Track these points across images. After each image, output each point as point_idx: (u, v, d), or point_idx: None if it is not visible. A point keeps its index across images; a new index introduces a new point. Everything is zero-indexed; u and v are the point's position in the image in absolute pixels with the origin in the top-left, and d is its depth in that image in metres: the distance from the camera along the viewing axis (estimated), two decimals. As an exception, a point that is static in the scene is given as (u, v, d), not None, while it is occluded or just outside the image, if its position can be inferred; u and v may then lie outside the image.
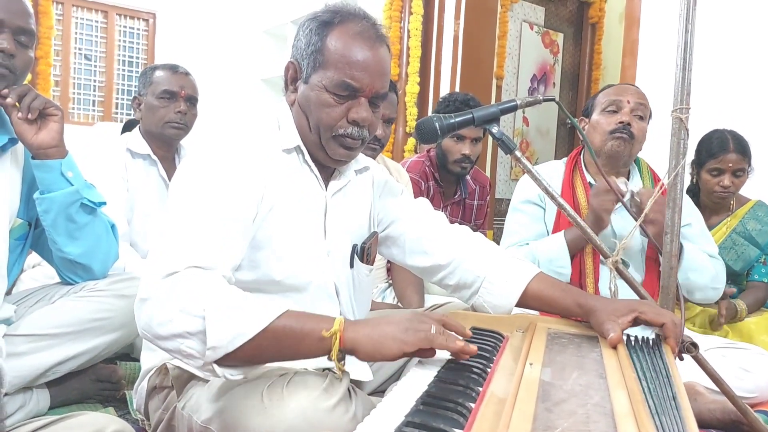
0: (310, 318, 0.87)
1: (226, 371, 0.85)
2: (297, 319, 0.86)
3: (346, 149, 1.11)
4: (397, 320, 0.88)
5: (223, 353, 0.83)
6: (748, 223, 2.33)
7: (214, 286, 0.87)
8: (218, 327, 0.82)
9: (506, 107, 1.22)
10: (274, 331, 0.84)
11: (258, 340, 0.83)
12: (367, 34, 1.08)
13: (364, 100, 1.09)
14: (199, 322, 0.83)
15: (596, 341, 1.05)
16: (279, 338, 0.85)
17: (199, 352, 0.84)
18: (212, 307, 0.84)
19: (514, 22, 3.74)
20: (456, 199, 2.35)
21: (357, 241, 1.22)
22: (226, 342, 0.82)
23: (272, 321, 0.84)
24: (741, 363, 1.69)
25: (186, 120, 2.06)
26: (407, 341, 0.85)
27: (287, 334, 0.85)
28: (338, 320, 0.86)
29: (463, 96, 2.25)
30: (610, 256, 1.26)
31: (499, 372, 0.89)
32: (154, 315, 0.86)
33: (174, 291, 0.86)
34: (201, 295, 0.85)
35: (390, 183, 1.33)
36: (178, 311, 0.84)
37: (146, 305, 0.88)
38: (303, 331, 0.85)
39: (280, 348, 0.85)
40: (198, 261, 0.90)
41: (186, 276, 0.87)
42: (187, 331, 0.84)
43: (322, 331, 0.84)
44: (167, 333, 0.85)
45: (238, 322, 0.83)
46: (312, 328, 0.85)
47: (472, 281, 1.25)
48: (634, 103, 1.80)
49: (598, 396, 0.78)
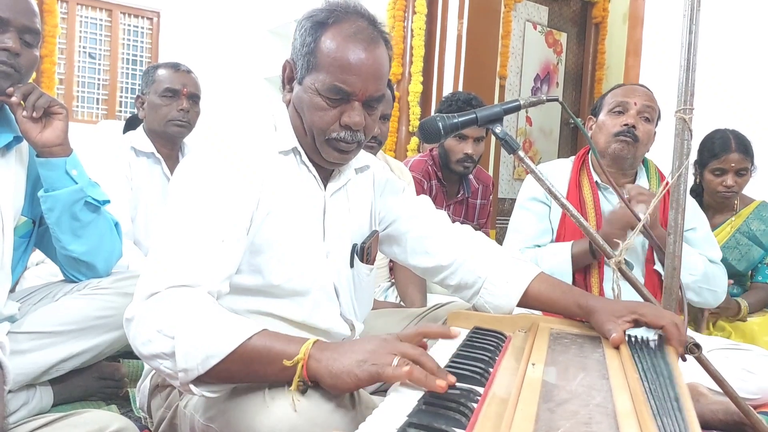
0: (280, 341, 0.85)
1: (204, 390, 0.86)
2: (267, 341, 0.84)
3: (340, 153, 1.09)
4: (361, 349, 0.83)
5: (196, 375, 0.83)
6: (752, 224, 2.32)
7: (190, 305, 0.87)
8: (188, 350, 0.83)
9: (509, 107, 1.22)
10: (243, 353, 0.83)
11: (227, 363, 0.83)
12: (361, 36, 1.05)
13: (357, 104, 1.06)
14: (171, 344, 0.84)
15: (599, 342, 1.05)
16: (247, 361, 0.84)
17: (175, 372, 0.84)
18: (183, 329, 0.84)
19: (518, 21, 3.73)
20: (459, 199, 2.35)
21: (357, 241, 1.21)
22: (196, 364, 0.83)
23: (241, 343, 0.83)
24: (744, 364, 1.69)
25: (189, 118, 2.06)
26: (360, 377, 0.80)
27: (254, 358, 0.84)
28: (304, 347, 0.83)
29: (466, 95, 2.25)
30: (613, 257, 1.26)
31: (501, 372, 0.89)
32: (137, 335, 0.88)
33: (153, 311, 0.87)
34: (176, 316, 0.85)
35: (392, 181, 1.32)
36: (156, 332, 0.85)
37: (130, 325, 0.89)
38: (270, 355, 0.84)
39: (249, 371, 0.85)
40: (180, 280, 0.90)
41: (165, 296, 0.88)
42: (163, 352, 0.85)
43: (284, 359, 0.82)
44: (147, 353, 0.87)
45: (207, 343, 0.83)
46: (278, 353, 0.83)
47: (474, 281, 1.25)
48: (641, 105, 1.80)
49: (601, 396, 0.78)
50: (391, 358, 0.80)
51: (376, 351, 0.82)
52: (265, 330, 0.86)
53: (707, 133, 2.34)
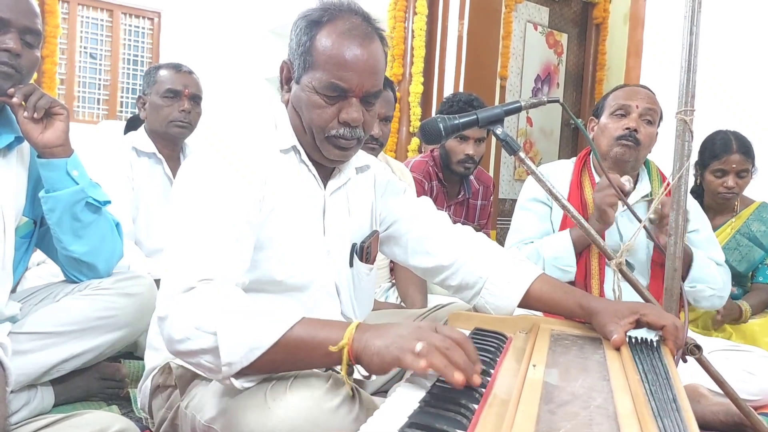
0: (323, 328, 0.86)
1: (244, 382, 0.87)
2: (310, 329, 0.86)
3: (341, 150, 1.10)
4: (395, 333, 0.83)
5: (239, 368, 0.84)
6: (752, 225, 2.32)
7: (227, 299, 0.88)
8: (231, 343, 0.83)
9: (510, 108, 1.22)
10: (287, 344, 0.84)
11: (272, 353, 0.84)
12: (356, 32, 1.06)
13: (354, 100, 1.07)
14: (213, 339, 0.84)
15: (599, 343, 1.05)
16: (292, 350, 0.85)
17: (218, 366, 0.85)
18: (224, 324, 0.84)
19: (519, 22, 3.73)
20: (459, 199, 2.36)
21: (357, 240, 1.22)
22: (240, 357, 0.84)
23: (285, 333, 0.84)
24: (745, 366, 1.69)
25: (190, 118, 2.07)
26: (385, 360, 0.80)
27: (299, 346, 0.85)
28: (348, 331, 0.84)
29: (467, 96, 2.25)
30: (614, 258, 1.26)
31: (502, 373, 0.89)
32: (173, 333, 0.88)
33: (189, 308, 0.87)
34: (214, 311, 0.86)
35: (393, 182, 1.32)
36: (194, 329, 0.86)
37: (165, 324, 0.89)
38: (314, 342, 0.85)
39: (295, 359, 0.86)
40: (211, 273, 0.91)
41: (200, 291, 0.88)
42: (203, 348, 0.85)
43: (329, 345, 0.84)
44: (186, 350, 0.87)
45: (250, 336, 0.84)
46: (322, 339, 0.85)
47: (475, 282, 1.25)
48: (643, 108, 1.79)
49: (602, 398, 0.78)
50: (415, 344, 0.79)
51: (405, 336, 0.81)
52: (305, 318, 0.87)
53: (708, 134, 2.34)
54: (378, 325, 0.87)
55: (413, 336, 0.81)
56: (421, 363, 0.77)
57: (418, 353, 0.78)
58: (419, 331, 0.82)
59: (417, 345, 0.79)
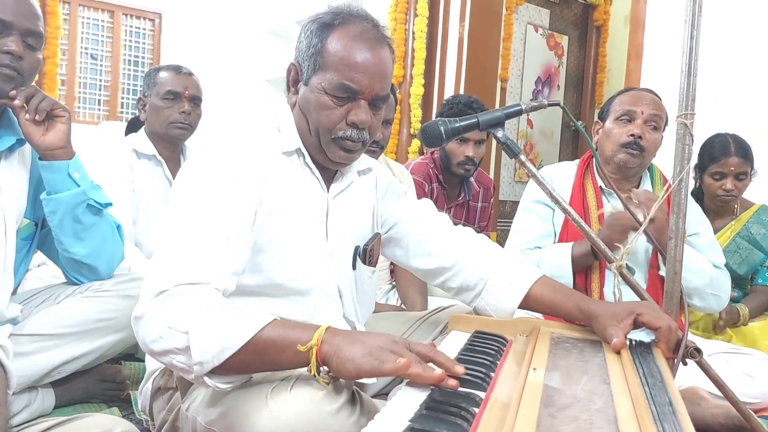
0: (293, 329, 0.88)
1: (218, 382, 0.87)
2: (280, 330, 0.87)
3: (346, 152, 1.11)
4: (371, 342, 0.85)
5: (211, 367, 0.85)
6: (752, 227, 2.32)
7: (201, 300, 0.88)
8: (202, 343, 0.84)
9: (511, 112, 1.23)
10: (258, 344, 0.85)
11: (243, 354, 0.85)
12: (367, 36, 1.08)
13: (363, 102, 1.08)
14: (185, 338, 0.85)
15: (599, 346, 1.05)
16: (262, 350, 0.86)
17: (189, 366, 0.86)
18: (196, 323, 0.85)
19: (519, 24, 3.73)
20: (460, 201, 2.36)
21: (359, 243, 1.22)
22: (211, 357, 0.84)
23: (255, 333, 0.85)
24: (745, 368, 1.69)
25: (190, 120, 2.07)
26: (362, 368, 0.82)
27: (270, 347, 0.86)
28: (317, 333, 0.86)
29: (467, 98, 2.26)
30: (615, 261, 1.26)
31: (503, 377, 0.89)
32: (147, 332, 0.89)
33: (164, 308, 0.88)
34: (188, 312, 0.87)
35: (393, 184, 1.33)
36: (167, 328, 0.87)
37: (139, 323, 0.91)
38: (284, 343, 0.86)
39: (265, 360, 0.87)
40: (188, 277, 0.91)
41: (176, 293, 0.89)
42: (176, 347, 0.86)
43: (298, 345, 0.85)
44: (159, 349, 0.88)
45: (222, 336, 0.85)
46: (292, 340, 0.86)
47: (475, 284, 1.25)
48: (648, 114, 1.79)
49: (602, 401, 0.78)
50: (395, 357, 0.82)
51: (383, 348, 0.84)
52: (277, 319, 0.88)
53: (707, 136, 2.34)
54: (351, 332, 0.90)
55: (391, 348, 0.84)
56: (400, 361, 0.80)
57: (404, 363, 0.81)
58: (395, 344, 0.85)
59: (397, 359, 0.81)
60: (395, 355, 0.82)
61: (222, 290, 0.95)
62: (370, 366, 0.82)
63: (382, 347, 0.84)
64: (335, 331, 0.88)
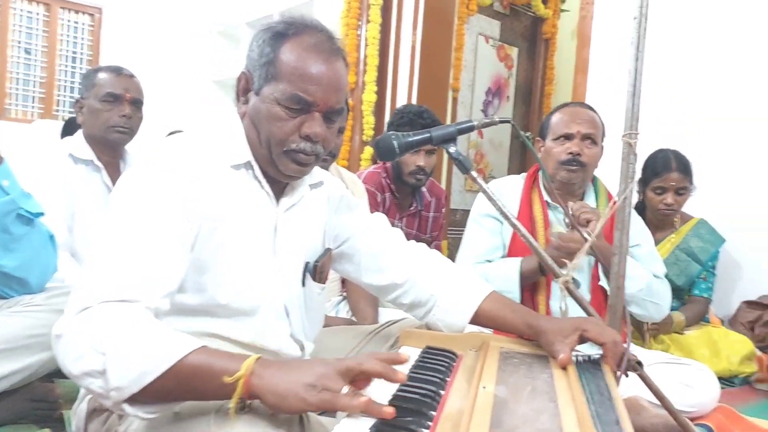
0: (221, 357, 0.83)
1: (139, 411, 0.82)
2: (206, 358, 0.82)
3: (299, 165, 1.07)
4: (310, 371, 0.81)
5: (129, 393, 0.79)
6: (690, 240, 2.43)
7: (126, 320, 0.83)
8: (121, 366, 0.79)
9: (463, 128, 1.23)
10: (181, 371, 0.80)
11: (164, 380, 0.79)
12: (322, 47, 1.05)
13: (318, 114, 1.05)
14: (102, 360, 0.79)
15: (546, 361, 1.06)
16: (186, 378, 0.81)
17: (106, 391, 0.80)
18: (116, 344, 0.80)
19: (470, 34, 3.76)
20: (412, 211, 2.36)
21: (309, 259, 1.19)
22: (129, 382, 0.79)
23: (180, 359, 0.80)
24: (683, 378, 1.75)
25: (131, 124, 2.00)
26: (311, 402, 0.79)
27: (194, 374, 0.81)
28: (246, 363, 0.81)
29: (417, 108, 2.27)
30: (562, 276, 1.28)
31: (453, 395, 0.89)
32: (66, 351, 0.83)
33: (84, 327, 0.82)
34: (108, 332, 0.81)
35: (346, 198, 1.31)
36: (88, 348, 0.81)
37: (59, 342, 0.84)
38: (210, 371, 0.81)
39: (188, 389, 0.82)
40: (116, 294, 0.86)
41: (98, 311, 0.84)
42: (94, 369, 0.80)
43: (225, 376, 0.80)
44: (78, 371, 0.81)
45: (143, 359, 0.79)
46: (218, 369, 0.81)
47: (427, 300, 1.25)
48: (585, 133, 1.85)
49: (549, 422, 0.79)
50: (342, 384, 0.79)
51: (326, 375, 0.80)
52: (205, 346, 0.83)
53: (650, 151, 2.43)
54: (284, 362, 0.85)
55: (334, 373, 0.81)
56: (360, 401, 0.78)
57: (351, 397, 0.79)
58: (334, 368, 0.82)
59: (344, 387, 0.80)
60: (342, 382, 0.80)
61: (153, 310, 0.90)
62: (320, 400, 0.78)
63: (325, 374, 0.80)
64: (266, 362, 0.83)
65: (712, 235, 2.46)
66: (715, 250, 2.44)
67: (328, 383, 0.79)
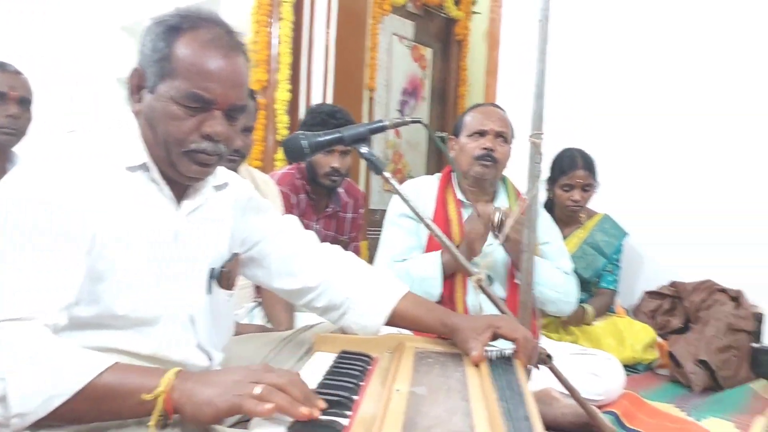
0: (137, 374, 0.80)
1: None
2: (121, 376, 0.78)
3: (200, 166, 1.02)
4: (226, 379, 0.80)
5: (34, 419, 0.74)
6: (596, 235, 2.55)
7: (24, 340, 0.77)
8: (24, 391, 0.73)
9: (375, 128, 1.23)
10: (94, 391, 0.76)
11: (76, 402, 0.75)
12: (220, 42, 1.00)
13: (218, 113, 1.00)
14: (1, 386, 0.74)
15: (460, 359, 1.07)
16: (100, 398, 0.77)
17: (6, 418, 0.74)
18: (16, 367, 0.74)
19: (384, 34, 3.77)
20: (329, 212, 2.32)
21: (215, 265, 1.14)
22: (35, 407, 0.73)
23: (92, 379, 0.76)
24: (591, 368, 1.84)
25: (18, 125, 1.85)
26: (220, 408, 0.77)
27: (108, 394, 0.77)
28: (166, 378, 0.78)
29: (330, 108, 2.24)
30: (474, 274, 1.30)
31: (367, 399, 0.88)
32: None
33: None
34: (5, 355, 0.75)
35: (255, 200, 1.26)
36: None
37: None
38: (126, 390, 0.77)
39: (102, 409, 0.77)
40: (10, 313, 0.80)
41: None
42: None
43: (143, 393, 0.77)
44: None
45: (50, 383, 0.74)
46: (135, 387, 0.77)
47: (341, 303, 1.23)
48: (497, 131, 1.93)
49: (462, 422, 0.79)
50: (253, 387, 0.77)
51: (240, 381, 0.79)
52: (118, 363, 0.79)
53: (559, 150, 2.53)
54: (202, 373, 0.83)
55: (249, 379, 0.79)
56: (265, 406, 0.75)
57: (259, 396, 0.76)
58: (254, 373, 0.81)
59: (256, 388, 0.77)
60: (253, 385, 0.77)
61: (52, 326, 0.84)
62: (229, 404, 0.76)
63: (239, 381, 0.79)
64: (186, 374, 0.80)
65: (615, 229, 2.59)
66: (619, 244, 2.57)
67: (239, 388, 0.78)
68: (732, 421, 1.86)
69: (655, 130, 2.90)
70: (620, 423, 1.76)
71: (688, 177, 2.78)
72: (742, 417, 1.92)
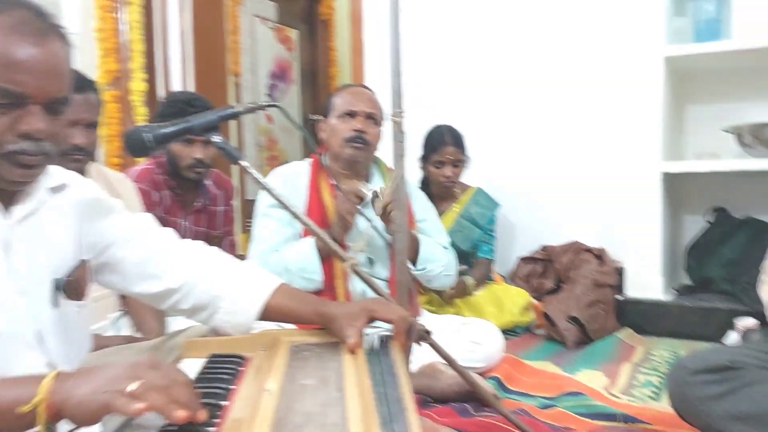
0: (10, 386, 0.72)
1: None
2: None
3: (24, 168, 0.91)
4: (105, 375, 0.73)
5: None
6: (471, 208, 2.64)
7: None
8: None
9: (225, 115, 1.15)
10: None
11: None
12: (27, 28, 0.88)
13: (36, 107, 0.89)
14: None
15: (337, 347, 1.05)
16: None
17: None
18: None
19: (245, 16, 3.62)
20: (198, 207, 2.20)
21: (59, 274, 1.02)
22: None
23: None
24: (472, 337, 1.90)
25: None
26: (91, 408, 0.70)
27: None
28: (44, 385, 0.70)
29: (187, 96, 2.12)
30: (347, 259, 1.28)
31: (237, 403, 0.83)
32: None
33: None
34: None
35: (101, 201, 1.15)
36: None
37: None
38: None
39: None
40: None
41: None
42: None
43: (19, 406, 0.69)
44: None
45: None
46: (10, 402, 0.70)
47: (208, 302, 1.16)
48: (368, 112, 1.90)
49: (335, 414, 0.76)
50: (127, 384, 0.69)
51: (117, 377, 0.71)
52: None
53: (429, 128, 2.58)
54: (84, 369, 0.76)
55: (126, 375, 0.71)
56: (136, 405, 0.68)
57: (132, 394, 0.69)
58: (134, 369, 0.73)
59: (131, 385, 0.69)
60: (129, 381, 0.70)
61: None
62: (98, 404, 0.69)
63: (117, 377, 0.71)
64: (66, 375, 0.73)
65: (488, 201, 2.70)
66: (492, 214, 2.69)
67: (114, 384, 0.70)
68: (601, 370, 2.01)
69: (517, 99, 2.97)
70: (503, 386, 1.84)
71: (551, 146, 2.93)
72: (610, 365, 2.08)
